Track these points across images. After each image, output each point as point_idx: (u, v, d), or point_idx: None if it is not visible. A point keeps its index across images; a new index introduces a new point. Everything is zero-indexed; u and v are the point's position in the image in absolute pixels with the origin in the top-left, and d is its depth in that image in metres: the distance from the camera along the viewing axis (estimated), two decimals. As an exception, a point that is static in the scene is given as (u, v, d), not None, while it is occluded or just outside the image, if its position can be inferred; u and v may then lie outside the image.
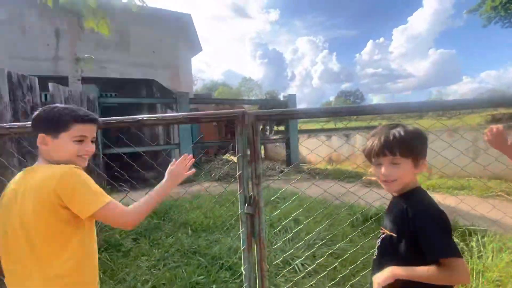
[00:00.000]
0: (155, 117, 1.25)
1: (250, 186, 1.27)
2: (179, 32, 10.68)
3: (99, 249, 2.75)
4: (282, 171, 7.45)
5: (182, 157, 1.12)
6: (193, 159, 1.13)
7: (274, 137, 11.36)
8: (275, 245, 2.77)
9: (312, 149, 7.89)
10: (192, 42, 12.69)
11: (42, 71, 7.99)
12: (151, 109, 7.06)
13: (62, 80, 5.12)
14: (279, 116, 1.25)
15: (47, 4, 4.66)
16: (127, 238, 2.98)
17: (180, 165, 1.10)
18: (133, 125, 1.27)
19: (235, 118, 1.25)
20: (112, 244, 2.81)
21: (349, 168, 7.19)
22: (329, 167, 7.54)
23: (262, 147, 11.79)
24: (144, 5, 4.87)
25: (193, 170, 1.14)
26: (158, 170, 7.29)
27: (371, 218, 3.22)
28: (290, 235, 2.97)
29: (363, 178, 5.80)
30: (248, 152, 1.27)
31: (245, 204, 1.25)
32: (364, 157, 0.99)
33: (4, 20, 7.93)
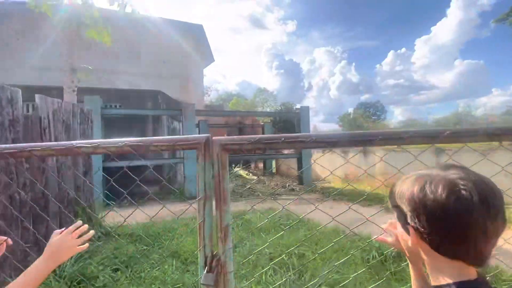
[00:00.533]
0: (90, 144, 0.97)
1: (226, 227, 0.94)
2: (190, 43, 10.77)
3: (71, 282, 2.49)
4: (293, 190, 7.04)
5: (71, 227, 0.84)
6: (89, 231, 0.88)
7: (286, 151, 10.97)
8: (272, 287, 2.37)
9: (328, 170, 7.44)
10: (204, 52, 12.77)
11: (54, 82, 8.19)
12: (156, 121, 6.96)
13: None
14: (254, 145, 0.92)
15: (57, 13, 4.71)
16: (106, 269, 2.69)
17: (65, 238, 0.82)
18: (61, 153, 0.99)
19: (196, 147, 0.94)
20: (87, 276, 2.53)
21: (367, 188, 6.65)
22: (345, 185, 7.02)
23: (274, 162, 11.41)
24: (148, 14, 4.82)
25: (86, 245, 0.88)
26: (162, 184, 6.98)
27: (391, 257, 2.75)
28: (292, 274, 2.57)
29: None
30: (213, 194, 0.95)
31: (204, 268, 0.91)
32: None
33: (19, 30, 8.28)
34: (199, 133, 9.46)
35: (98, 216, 3.91)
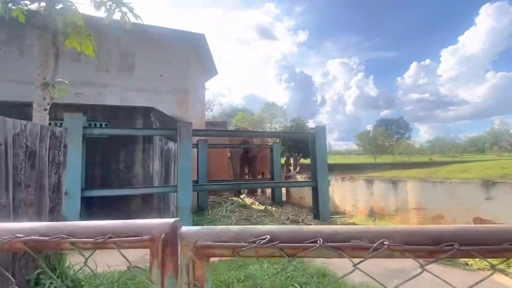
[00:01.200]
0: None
1: None
2: (191, 54, 10.70)
3: None
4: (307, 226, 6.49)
5: None
6: None
7: (299, 176, 10.47)
8: None
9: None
10: (206, 64, 12.71)
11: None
12: (148, 142, 6.65)
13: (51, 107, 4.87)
14: (263, 251, 0.51)
15: (46, 24, 4.57)
16: None
17: None
18: None
19: (147, 246, 0.53)
20: None
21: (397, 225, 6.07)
22: (370, 223, 6.45)
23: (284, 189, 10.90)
24: (139, 21, 4.63)
25: None
26: (151, 216, 6.65)
27: None
28: None
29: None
30: None
31: None
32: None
33: (2, 41, 8.31)
34: (197, 155, 9.11)
35: (65, 264, 3.47)
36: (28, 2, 3.91)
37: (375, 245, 0.47)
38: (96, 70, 9.08)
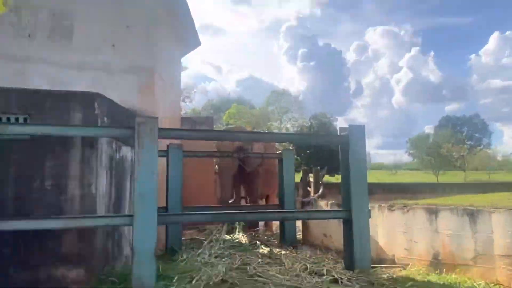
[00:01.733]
0: None
1: None
2: (160, 15, 10.64)
3: None
4: (336, 281, 6.28)
5: None
6: None
7: (322, 203, 10.29)
8: None
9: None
10: (183, 31, 12.63)
11: None
12: (89, 147, 6.49)
13: None
14: None
15: None
16: None
17: None
18: None
19: None
20: None
21: (480, 282, 5.87)
22: (434, 277, 6.27)
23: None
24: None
25: None
26: (90, 264, 6.38)
27: None
28: None
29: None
30: None
31: None
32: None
33: None
34: (167, 169, 8.96)
35: None
36: None
37: None
38: (15, 36, 9.01)
